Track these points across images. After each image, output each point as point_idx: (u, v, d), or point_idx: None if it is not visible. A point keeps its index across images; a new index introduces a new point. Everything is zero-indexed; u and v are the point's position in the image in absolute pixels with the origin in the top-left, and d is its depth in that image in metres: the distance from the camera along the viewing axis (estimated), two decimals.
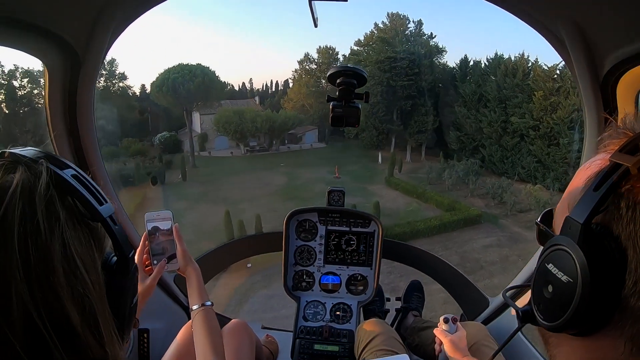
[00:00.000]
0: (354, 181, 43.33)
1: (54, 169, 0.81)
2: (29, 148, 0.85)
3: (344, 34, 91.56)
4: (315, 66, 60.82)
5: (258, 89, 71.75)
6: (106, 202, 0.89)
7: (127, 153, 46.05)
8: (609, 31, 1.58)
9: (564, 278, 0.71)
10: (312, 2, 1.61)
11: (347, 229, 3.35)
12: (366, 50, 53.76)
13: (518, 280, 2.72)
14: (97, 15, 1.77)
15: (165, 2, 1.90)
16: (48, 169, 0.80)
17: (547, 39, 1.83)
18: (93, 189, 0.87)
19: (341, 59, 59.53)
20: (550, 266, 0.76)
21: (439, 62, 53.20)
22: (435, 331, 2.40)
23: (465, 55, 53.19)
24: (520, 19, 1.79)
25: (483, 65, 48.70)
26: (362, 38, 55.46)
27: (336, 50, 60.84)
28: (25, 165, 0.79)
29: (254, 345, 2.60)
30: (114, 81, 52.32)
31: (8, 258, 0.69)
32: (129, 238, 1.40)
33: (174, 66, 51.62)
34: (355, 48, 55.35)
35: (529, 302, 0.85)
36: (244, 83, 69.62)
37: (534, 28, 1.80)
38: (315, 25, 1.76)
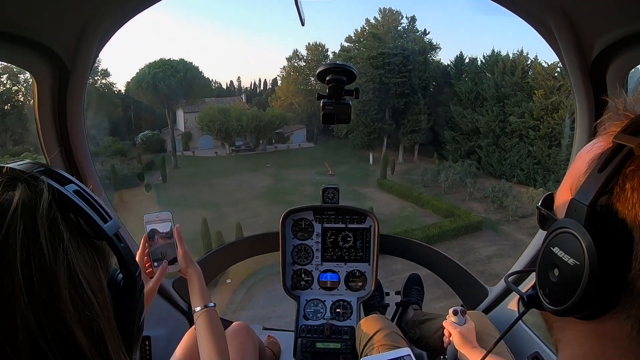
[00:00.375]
0: (344, 183, 40.58)
1: (56, 186, 0.78)
2: (27, 161, 0.82)
3: (334, 31, 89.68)
4: (304, 63, 57.95)
5: (246, 88, 68.52)
6: (110, 218, 0.85)
7: (108, 153, 43.52)
8: (595, 16, 1.57)
9: (571, 261, 0.71)
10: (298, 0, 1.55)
11: (343, 225, 3.36)
12: (357, 47, 51.51)
13: (518, 265, 2.73)
14: (84, 25, 1.77)
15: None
16: (49, 187, 0.76)
17: (534, 27, 1.82)
18: (97, 204, 0.83)
19: (331, 56, 56.71)
20: (555, 249, 0.75)
21: (433, 59, 50.86)
22: (445, 323, 2.39)
23: (461, 52, 50.42)
24: (506, 7, 1.78)
25: (479, 62, 46.57)
26: (352, 34, 53.22)
27: (326, 47, 57.90)
28: (25, 183, 0.75)
29: (257, 347, 2.57)
30: (96, 78, 49.31)
31: (11, 282, 0.67)
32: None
33: (154, 61, 48.54)
34: (346, 44, 53.14)
35: (534, 286, 0.84)
36: (231, 81, 66.99)
37: (520, 16, 1.79)
38: (302, 24, 1.73)
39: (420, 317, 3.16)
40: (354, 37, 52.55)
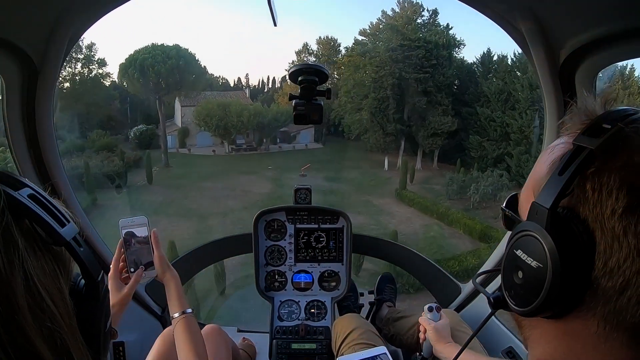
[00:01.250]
0: (355, 191, 35.50)
1: (8, 191, 0.73)
2: None
3: (347, 24, 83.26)
4: (314, 59, 52.39)
5: (254, 86, 63.14)
6: (68, 222, 0.81)
7: (94, 147, 38.59)
8: (565, 19, 1.61)
9: (534, 264, 0.72)
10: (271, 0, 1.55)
11: (316, 226, 3.35)
12: (372, 40, 45.25)
13: (488, 265, 2.78)
14: (53, 23, 1.74)
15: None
16: (1, 191, 0.71)
17: (504, 29, 1.83)
18: (53, 208, 0.80)
19: (343, 51, 51.38)
20: (519, 252, 0.76)
21: (456, 56, 44.51)
22: (420, 319, 2.40)
23: (489, 48, 44.29)
24: (477, 9, 1.79)
25: (510, 60, 39.61)
26: (368, 27, 46.81)
27: (338, 41, 52.93)
28: None
29: (229, 349, 2.53)
30: (91, 67, 44.25)
31: None
32: (99, 255, 1.91)
33: (145, 46, 42.67)
34: (360, 38, 46.63)
35: (500, 287, 0.85)
36: (239, 78, 61.87)
37: (491, 18, 1.80)
38: (275, 24, 1.84)
39: (395, 314, 3.16)
40: (369, 31, 46.32)
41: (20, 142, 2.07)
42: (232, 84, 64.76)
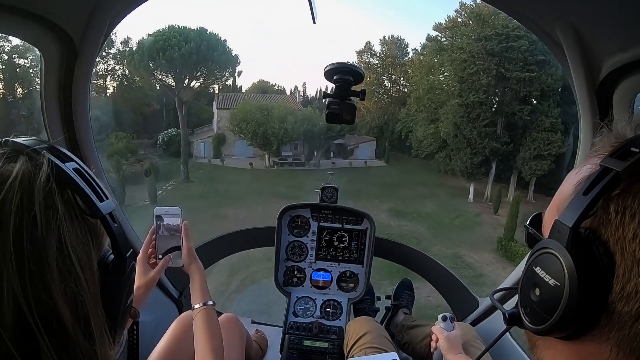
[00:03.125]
0: (435, 235, 24.72)
1: (56, 161, 0.77)
2: (32, 138, 0.82)
3: (415, 23, 70.01)
4: (378, 60, 44.08)
5: (312, 96, 53.00)
6: (107, 198, 0.84)
7: (107, 152, 30.95)
8: (606, 37, 1.55)
9: (551, 282, 0.70)
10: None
11: (340, 225, 3.25)
12: (449, 35, 34.89)
13: (507, 282, 2.63)
14: (95, 4, 1.75)
15: None
16: (49, 161, 0.76)
17: (543, 41, 1.79)
18: (95, 184, 0.83)
19: (411, 53, 42.58)
20: (537, 269, 0.74)
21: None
22: (433, 328, 2.32)
23: None
24: (516, 19, 1.77)
25: None
26: (444, 21, 36.46)
27: (405, 41, 43.87)
28: (27, 156, 0.76)
29: (244, 340, 2.52)
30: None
31: (2, 249, 0.68)
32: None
33: (163, 28, 32.68)
34: (434, 34, 36.75)
35: (516, 304, 0.83)
36: (296, 87, 52.33)
37: (530, 30, 1.78)
38: (314, 22, 1.74)
39: (410, 322, 3.07)
40: (444, 25, 36.04)
41: (55, 120, 2.03)
42: (288, 93, 55.76)
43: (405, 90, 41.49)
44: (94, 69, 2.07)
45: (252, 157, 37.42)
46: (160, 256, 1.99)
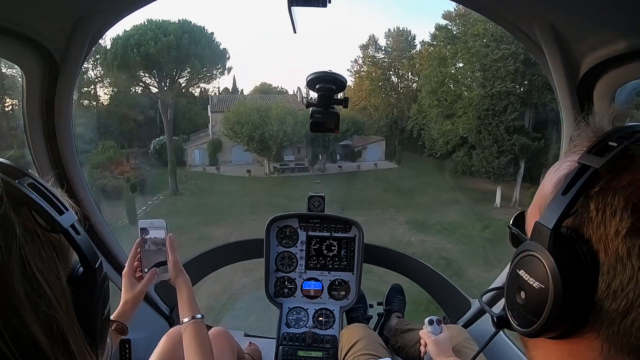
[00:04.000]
0: (462, 251, 20.33)
1: (6, 179, 0.73)
2: None
3: (421, 13, 65.23)
4: (383, 55, 40.34)
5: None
6: (67, 210, 0.80)
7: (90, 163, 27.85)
8: (585, 34, 1.56)
9: (536, 284, 0.69)
10: (292, 7, 1.52)
11: (328, 234, 3.25)
12: (461, 23, 31.38)
13: (496, 283, 2.66)
14: (76, 21, 1.73)
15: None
16: (1, 180, 0.72)
17: (521, 42, 1.78)
18: (53, 197, 0.79)
19: (418, 46, 38.67)
20: (521, 272, 0.73)
21: None
22: (421, 333, 2.30)
23: None
24: (494, 21, 1.78)
25: None
26: (453, 9, 33.01)
27: (412, 33, 39.86)
28: None
29: (235, 353, 2.48)
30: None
31: None
32: (109, 249, 1.96)
33: (142, 22, 28.98)
34: (443, 22, 33.21)
35: (504, 307, 0.83)
36: (298, 87, 45.53)
37: (508, 31, 1.78)
38: (295, 32, 1.66)
39: (403, 325, 3.10)
40: (454, 12, 32.39)
41: (38, 137, 2.02)
42: (291, 93, 52.15)
43: (415, 85, 38.22)
44: (81, 79, 1.45)
45: (252, 164, 33.87)
46: (146, 270, 1.94)
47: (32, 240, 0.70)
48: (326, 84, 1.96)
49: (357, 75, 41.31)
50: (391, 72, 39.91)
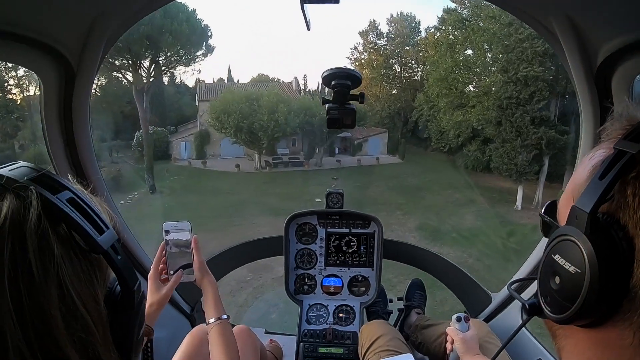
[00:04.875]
0: (487, 266, 16.38)
1: (46, 195, 0.70)
2: (21, 164, 0.75)
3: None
4: (385, 42, 37.38)
5: (314, 90, 44.09)
6: (107, 228, 0.78)
7: None
8: (601, 23, 1.54)
9: (572, 269, 0.68)
10: (304, 4, 1.50)
11: (347, 230, 3.17)
12: (472, 6, 28.57)
13: (522, 273, 2.61)
14: (90, 25, 1.71)
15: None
16: (39, 196, 0.69)
17: (539, 32, 1.76)
18: (92, 213, 0.76)
19: (423, 33, 36.48)
20: (557, 257, 0.71)
21: None
22: (448, 330, 2.22)
23: None
24: (509, 12, 1.77)
25: None
26: None
27: (416, 18, 37.29)
28: (14, 193, 0.68)
29: (257, 351, 2.43)
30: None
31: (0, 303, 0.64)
32: (135, 258, 2.01)
33: None
34: (452, 6, 30.19)
35: (535, 294, 0.82)
36: (295, 77, 42.29)
37: (525, 22, 1.77)
38: (308, 28, 1.63)
39: (423, 322, 3.00)
40: None
41: (57, 142, 2.01)
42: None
43: (420, 73, 35.59)
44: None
45: (243, 157, 31.08)
46: (171, 272, 1.93)
47: (71, 260, 0.68)
48: (341, 80, 1.94)
49: (357, 63, 38.27)
50: (394, 60, 37.05)
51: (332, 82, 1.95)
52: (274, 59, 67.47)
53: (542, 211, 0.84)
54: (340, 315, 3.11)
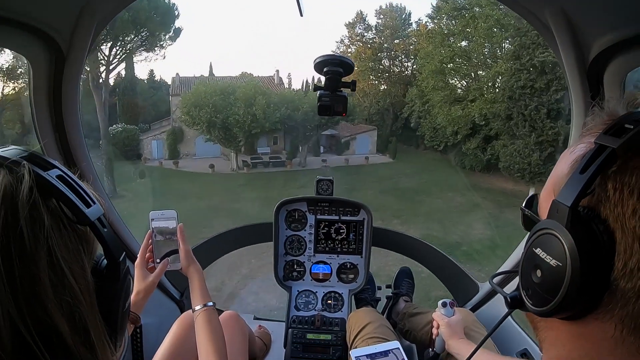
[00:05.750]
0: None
1: (37, 171, 0.73)
2: (12, 147, 0.77)
3: None
4: (373, 35, 35.66)
5: (298, 89, 39.21)
6: (94, 203, 0.80)
7: None
8: (595, 18, 1.53)
9: (553, 262, 0.67)
10: None
11: (337, 217, 3.10)
12: None
13: (506, 266, 2.56)
14: (81, 8, 1.69)
15: None
16: (30, 171, 0.72)
17: (532, 25, 1.75)
18: (80, 189, 0.78)
19: (414, 25, 35.03)
20: (538, 250, 0.70)
21: None
22: (434, 315, 2.23)
23: None
24: (506, 4, 1.74)
25: None
26: None
27: (407, 9, 35.82)
28: (7, 168, 0.71)
29: (246, 336, 2.40)
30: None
31: None
32: (121, 239, 1.92)
33: None
34: None
35: (517, 287, 0.80)
36: (277, 71, 38.70)
37: (519, 14, 1.73)
38: (301, 14, 1.71)
39: (411, 309, 2.93)
40: None
41: (46, 126, 1.96)
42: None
43: (411, 66, 33.99)
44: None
45: (220, 157, 28.39)
46: (158, 260, 1.89)
47: (60, 231, 0.70)
48: (334, 66, 1.95)
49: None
50: (383, 54, 35.09)
51: (325, 69, 1.94)
52: (258, 56, 65.83)
53: (523, 205, 0.83)
54: (329, 302, 3.05)
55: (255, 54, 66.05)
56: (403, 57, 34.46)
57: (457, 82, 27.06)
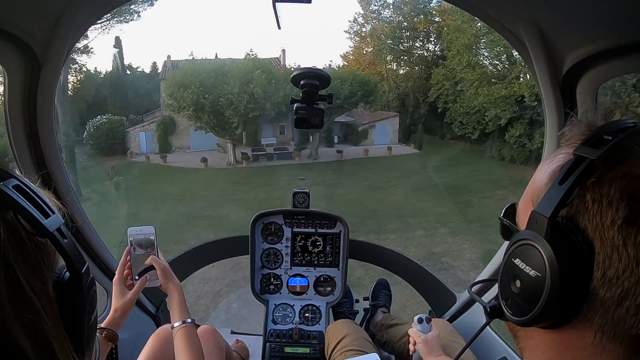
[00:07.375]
0: None
1: None
2: None
3: None
4: (390, 12, 31.60)
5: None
6: (53, 213, 0.75)
7: None
8: (568, 32, 1.53)
9: (532, 273, 0.66)
10: (276, 3, 1.46)
11: (313, 230, 3.04)
12: None
13: (484, 275, 2.55)
14: (58, 16, 1.64)
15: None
16: None
17: (507, 39, 1.73)
18: (38, 199, 0.74)
19: (435, 1, 30.78)
20: (517, 261, 0.70)
21: None
22: (410, 331, 2.18)
23: None
24: (479, 18, 1.73)
25: None
26: None
27: None
28: None
29: (223, 351, 2.36)
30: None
31: None
32: (96, 252, 1.86)
33: None
34: None
35: (496, 297, 0.79)
36: (284, 50, 32.44)
37: (494, 28, 1.72)
38: (279, 27, 1.62)
39: (388, 321, 2.90)
40: None
41: (20, 134, 1.91)
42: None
43: (435, 46, 30.23)
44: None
45: (216, 149, 24.35)
46: (136, 277, 1.85)
47: (17, 244, 0.66)
48: (310, 80, 1.83)
49: (357, 35, 33.39)
50: (403, 31, 31.03)
51: (301, 82, 1.83)
52: (264, 37, 62.65)
53: (502, 214, 0.81)
54: (307, 315, 3.01)
55: (262, 35, 62.44)
56: (424, 36, 30.74)
57: (495, 57, 22.83)
